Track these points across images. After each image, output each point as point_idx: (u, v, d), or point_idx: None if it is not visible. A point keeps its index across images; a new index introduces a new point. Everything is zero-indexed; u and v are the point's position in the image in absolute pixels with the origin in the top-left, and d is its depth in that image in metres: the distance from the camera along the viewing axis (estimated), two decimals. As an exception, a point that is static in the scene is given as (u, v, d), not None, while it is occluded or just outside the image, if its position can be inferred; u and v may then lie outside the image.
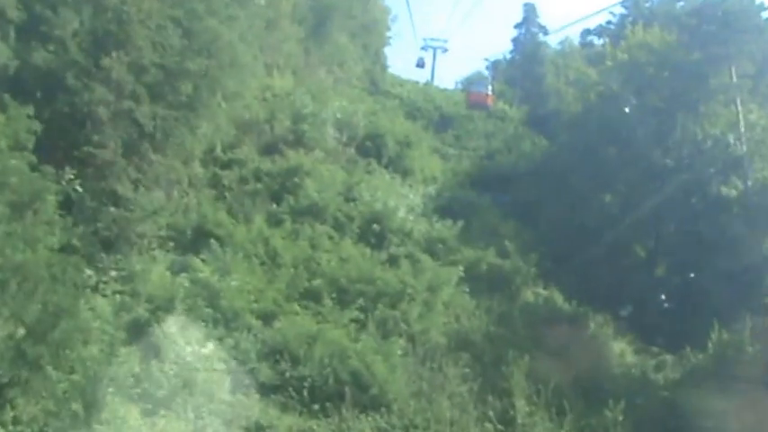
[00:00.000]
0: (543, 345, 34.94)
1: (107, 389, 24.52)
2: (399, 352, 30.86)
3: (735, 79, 43.40)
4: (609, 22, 73.15)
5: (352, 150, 47.05)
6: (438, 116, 69.08)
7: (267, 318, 31.39)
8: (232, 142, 43.28)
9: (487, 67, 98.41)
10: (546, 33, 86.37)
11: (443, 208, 44.87)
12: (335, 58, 66.19)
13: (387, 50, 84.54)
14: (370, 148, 48.64)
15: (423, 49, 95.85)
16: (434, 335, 33.34)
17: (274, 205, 39.86)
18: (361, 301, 33.12)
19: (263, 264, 34.67)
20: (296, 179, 40.97)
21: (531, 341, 35.13)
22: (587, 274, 41.86)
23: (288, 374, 28.96)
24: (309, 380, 28.84)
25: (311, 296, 33.35)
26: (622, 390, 32.72)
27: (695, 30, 44.61)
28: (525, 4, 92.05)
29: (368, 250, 37.51)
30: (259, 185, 40.93)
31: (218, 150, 42.30)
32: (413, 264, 36.91)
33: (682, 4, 52.12)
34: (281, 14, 55.06)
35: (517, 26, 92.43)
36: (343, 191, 41.80)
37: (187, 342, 28.51)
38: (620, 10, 69.93)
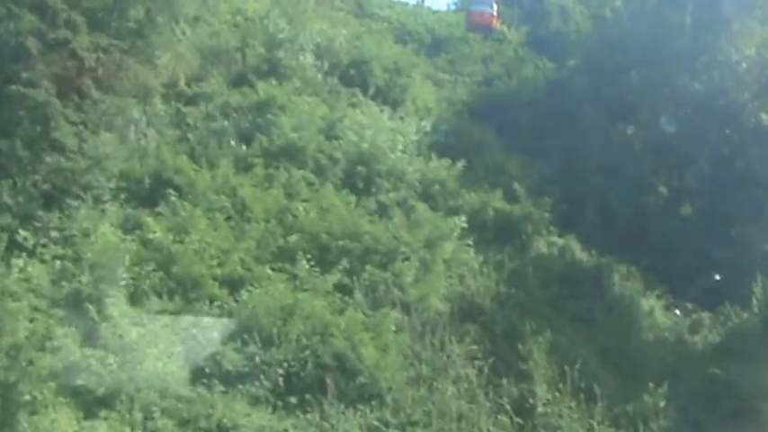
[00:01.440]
0: (563, 308, 30.24)
1: (35, 385, 20.93)
2: (393, 327, 25.66)
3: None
4: None
5: (334, 80, 40.75)
6: (430, 39, 61.35)
7: (233, 285, 26.35)
8: (198, 74, 37.99)
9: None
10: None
11: (441, 144, 38.88)
12: (317, -22, 59.97)
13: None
14: (355, 76, 42.18)
15: None
16: (434, 302, 28.24)
17: (244, 146, 34.11)
18: (345, 262, 27.76)
19: (228, 218, 29.28)
20: (269, 115, 35.20)
21: (548, 304, 30.27)
22: (607, 218, 36.95)
23: (258, 359, 24.09)
24: (285, 365, 24.12)
25: (286, 257, 28.03)
26: (659, 362, 28.38)
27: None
28: None
29: (353, 198, 31.86)
30: (226, 123, 35.20)
31: (182, 84, 36.96)
32: (407, 214, 31.47)
33: None
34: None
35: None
36: (325, 128, 35.90)
37: (134, 322, 23.69)
38: None
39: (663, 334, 31.50)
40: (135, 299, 24.76)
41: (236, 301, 25.52)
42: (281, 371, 23.84)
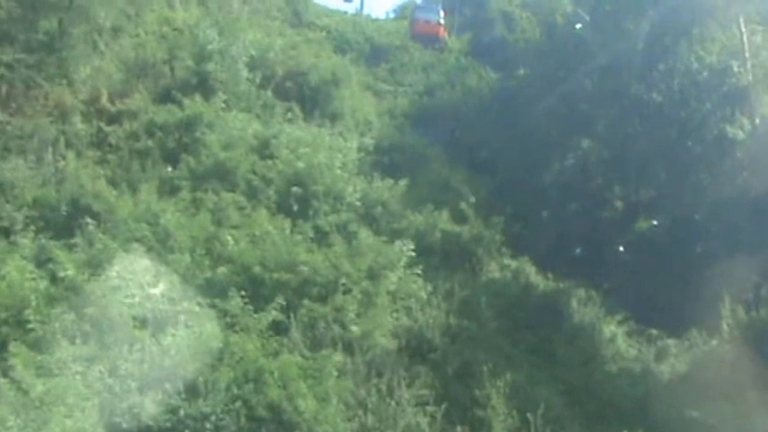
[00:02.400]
0: (520, 341, 27.65)
1: None
2: (334, 372, 22.73)
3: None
4: None
5: (268, 94, 37.84)
6: (369, 48, 59.01)
7: (155, 326, 23.00)
8: (122, 90, 35.34)
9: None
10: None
11: (383, 162, 36.16)
12: (252, -14, 56.86)
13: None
14: (291, 89, 39.29)
15: None
16: (380, 339, 25.39)
17: (169, 168, 31.27)
18: (280, 298, 24.67)
19: (150, 249, 25.92)
20: (197, 133, 32.28)
21: (504, 336, 27.78)
22: (562, 237, 34.34)
23: (182, 412, 21.03)
24: (213, 419, 21.04)
25: (215, 291, 24.88)
26: (626, 398, 25.68)
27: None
28: None
29: (289, 223, 28.95)
30: (150, 143, 32.36)
31: (104, 100, 34.30)
32: (348, 240, 28.51)
33: None
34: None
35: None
36: (257, 146, 33.10)
37: (40, 373, 20.72)
38: None
39: (628, 364, 28.93)
40: (43, 345, 21.65)
41: (159, 345, 22.29)
42: (208, 425, 20.92)
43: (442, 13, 51.74)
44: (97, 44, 36.50)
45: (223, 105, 34.66)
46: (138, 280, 24.11)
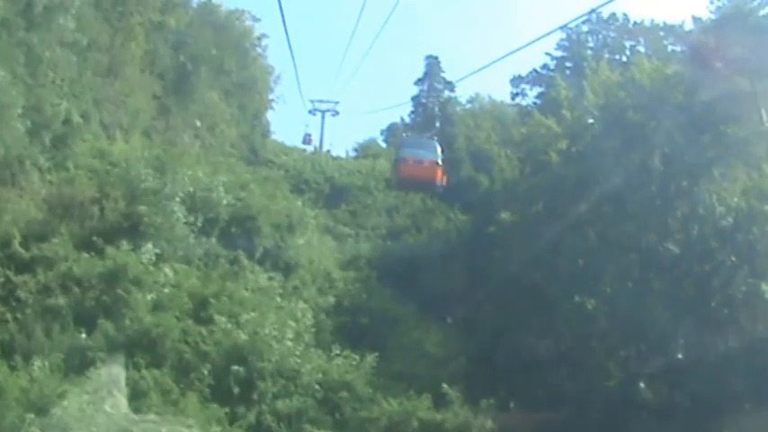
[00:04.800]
0: None
1: None
2: None
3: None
4: (545, 67, 58.60)
5: (211, 241, 29.98)
6: (329, 188, 53.04)
7: None
8: (41, 232, 27.77)
9: (382, 132, 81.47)
10: (452, 90, 70.05)
11: (345, 326, 28.26)
12: (205, 121, 49.45)
13: (271, 117, 67.81)
14: (238, 235, 31.45)
15: (310, 112, 78.83)
16: None
17: (83, 334, 23.17)
18: None
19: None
20: (119, 290, 24.19)
21: None
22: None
23: None
24: None
25: None
26: None
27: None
28: (427, 57, 74.80)
29: (226, 412, 20.77)
30: (62, 300, 24.50)
31: (16, 244, 26.73)
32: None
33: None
34: (125, 60, 38.51)
35: (417, 82, 74.84)
36: (193, 309, 25.20)
37: None
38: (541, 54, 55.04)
39: None
40: None
41: None
42: None
43: (439, 150, 35.36)
44: (16, 178, 28.75)
45: (155, 254, 26.59)
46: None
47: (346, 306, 30.17)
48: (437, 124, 67.22)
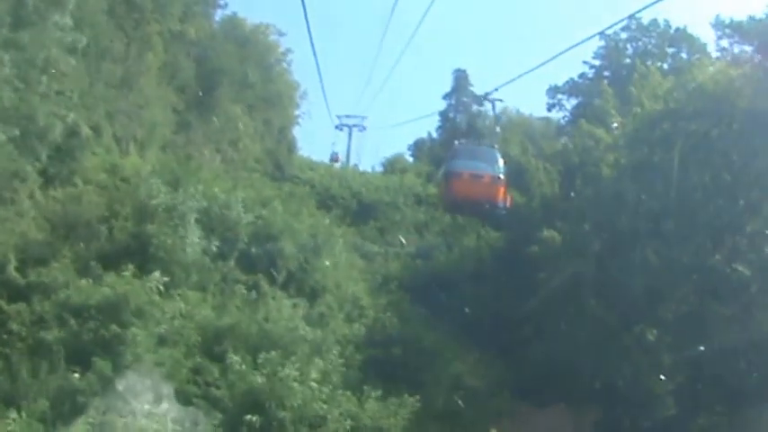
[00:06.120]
0: None
1: None
2: None
3: None
4: (582, 76, 54.19)
5: (229, 264, 25.97)
6: (356, 205, 49.06)
7: None
8: (41, 256, 24.19)
9: (409, 147, 76.80)
10: (480, 104, 65.78)
11: (377, 360, 24.09)
12: (227, 135, 45.61)
13: (297, 133, 63.84)
14: (259, 258, 27.42)
15: (337, 128, 75.26)
16: None
17: (76, 374, 19.30)
18: None
19: None
20: (113, 325, 20.29)
21: None
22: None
23: None
24: None
25: None
26: None
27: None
28: (455, 71, 70.77)
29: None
30: (59, 333, 20.97)
31: (12, 269, 23.13)
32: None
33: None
34: (141, 71, 34.74)
35: (446, 96, 70.96)
36: (203, 344, 21.16)
37: None
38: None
39: None
40: None
41: None
42: None
43: (501, 162, 27.22)
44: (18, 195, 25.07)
45: (163, 281, 22.58)
46: None
47: (377, 337, 26.05)
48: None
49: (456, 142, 29.79)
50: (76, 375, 19.65)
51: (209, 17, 44.99)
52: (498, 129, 38.08)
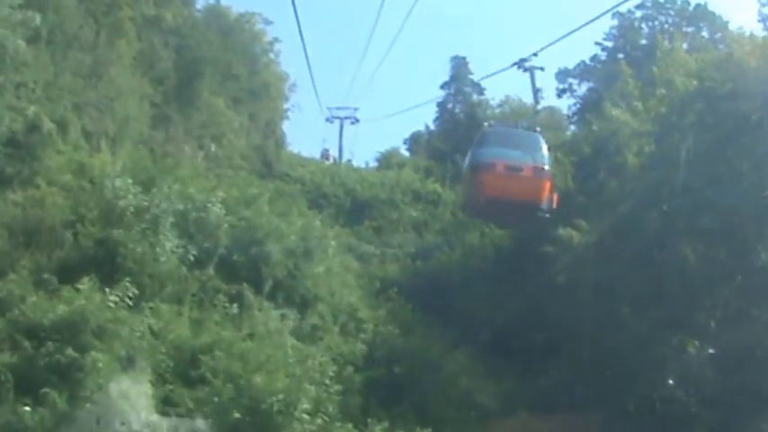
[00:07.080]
0: None
1: None
2: None
3: None
4: (594, 58, 52.41)
5: (208, 272, 23.21)
6: (351, 203, 47.18)
7: None
8: None
9: (405, 141, 73.86)
10: (481, 93, 63.23)
11: (378, 381, 21.35)
12: (209, 130, 42.99)
13: (287, 127, 61.25)
14: (242, 265, 24.66)
15: (327, 120, 71.10)
16: None
17: (27, 408, 16.67)
18: None
19: None
20: (70, 349, 17.49)
21: None
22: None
23: None
24: None
25: None
26: None
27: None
28: (453, 59, 68.04)
29: None
30: (11, 359, 18.19)
31: None
32: None
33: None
34: (112, 60, 32.07)
35: (444, 86, 68.39)
36: (179, 371, 18.26)
37: None
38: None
39: None
40: None
41: None
42: None
43: (545, 149, 22.76)
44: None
45: (132, 294, 19.79)
46: None
47: (378, 353, 23.30)
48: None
49: (486, 124, 25.89)
50: (27, 409, 16.93)
51: (188, 4, 42.56)
52: (539, 107, 33.86)
